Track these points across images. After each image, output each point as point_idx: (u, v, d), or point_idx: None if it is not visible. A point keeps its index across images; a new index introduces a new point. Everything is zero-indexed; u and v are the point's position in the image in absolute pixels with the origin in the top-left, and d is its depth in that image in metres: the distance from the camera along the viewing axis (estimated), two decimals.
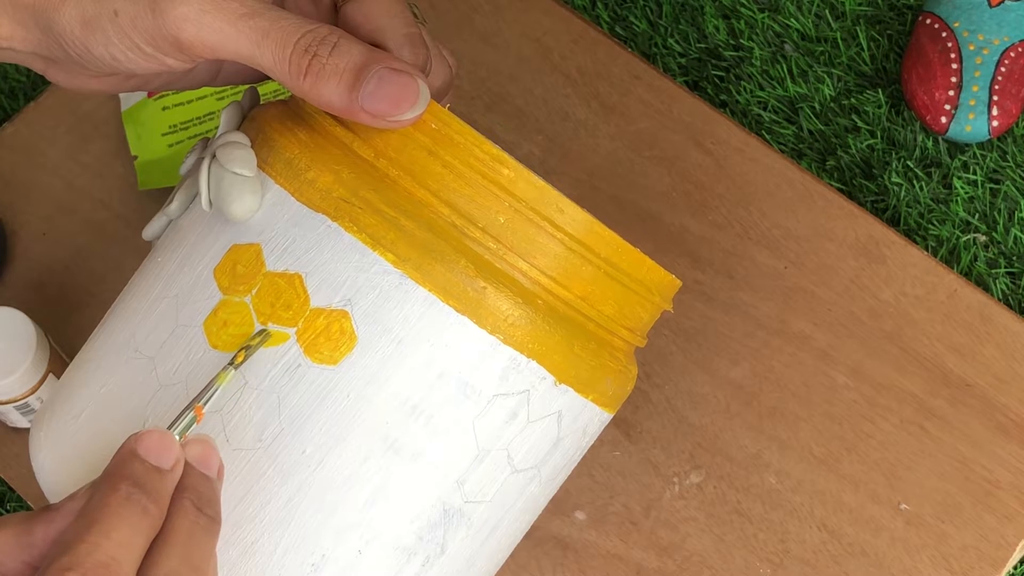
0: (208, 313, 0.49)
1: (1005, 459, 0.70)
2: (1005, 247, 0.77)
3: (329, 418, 0.48)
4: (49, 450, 0.51)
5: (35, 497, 0.73)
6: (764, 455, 0.71)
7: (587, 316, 0.51)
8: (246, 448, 0.48)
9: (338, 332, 0.48)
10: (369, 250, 0.48)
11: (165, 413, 0.48)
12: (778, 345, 0.73)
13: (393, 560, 0.50)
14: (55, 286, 0.79)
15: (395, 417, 0.49)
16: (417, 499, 0.50)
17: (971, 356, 0.72)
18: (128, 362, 0.50)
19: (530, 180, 0.49)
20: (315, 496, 0.48)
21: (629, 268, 0.52)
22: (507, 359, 0.49)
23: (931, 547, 0.69)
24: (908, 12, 0.84)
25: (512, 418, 0.50)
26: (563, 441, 0.53)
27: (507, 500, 0.52)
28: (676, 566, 0.69)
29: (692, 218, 0.77)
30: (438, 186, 0.49)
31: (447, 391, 0.49)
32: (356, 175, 0.49)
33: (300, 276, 0.48)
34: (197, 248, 0.51)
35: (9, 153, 0.83)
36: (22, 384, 0.71)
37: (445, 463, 0.49)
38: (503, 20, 0.84)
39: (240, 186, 0.49)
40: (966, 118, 0.78)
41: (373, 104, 0.47)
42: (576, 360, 0.51)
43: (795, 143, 0.81)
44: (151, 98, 0.81)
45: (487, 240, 0.49)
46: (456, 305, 0.48)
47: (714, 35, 0.84)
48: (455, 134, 0.49)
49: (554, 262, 0.50)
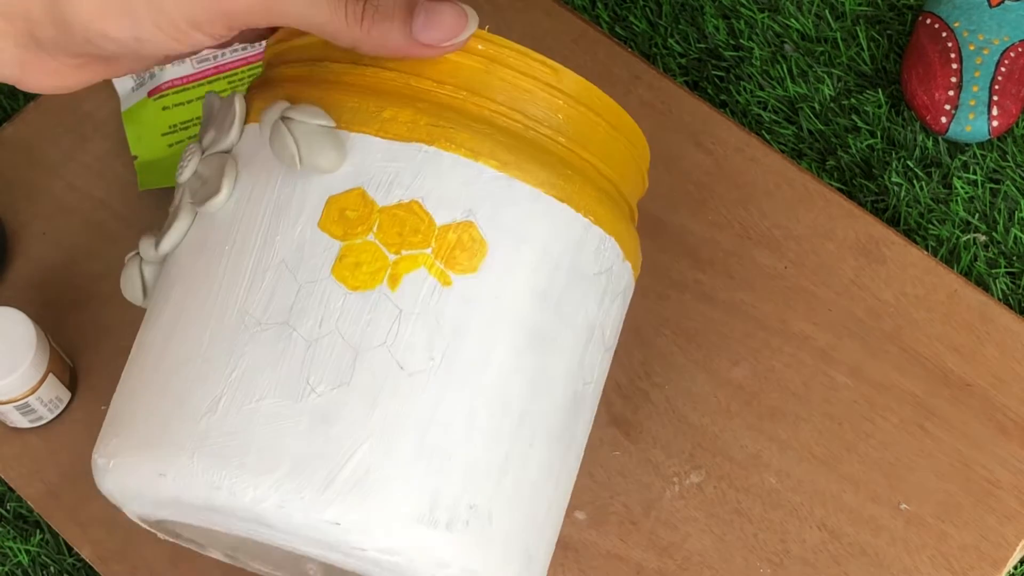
0: (332, 263, 0.51)
1: (1005, 459, 0.70)
2: (1005, 247, 0.77)
3: (484, 321, 0.52)
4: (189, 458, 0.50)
5: (35, 497, 0.73)
6: (764, 455, 0.71)
7: (623, 195, 0.58)
8: (421, 370, 0.50)
9: (470, 241, 0.52)
10: (473, 162, 0.52)
11: (326, 364, 0.50)
12: (778, 345, 0.73)
13: (552, 449, 0.54)
14: (55, 286, 0.79)
15: (533, 307, 0.53)
16: (561, 384, 0.54)
17: (971, 356, 0.72)
18: (254, 338, 0.51)
19: (573, 77, 0.54)
20: (491, 398, 0.52)
21: (638, 143, 0.58)
22: (597, 239, 0.55)
23: (931, 547, 0.69)
24: (908, 12, 0.84)
25: (603, 296, 0.56)
26: (622, 317, 0.59)
27: (601, 379, 0.58)
28: (676, 566, 0.69)
29: (692, 218, 0.77)
30: (504, 97, 0.53)
31: (563, 275, 0.53)
32: (430, 104, 0.52)
33: (418, 201, 0.51)
34: (282, 216, 0.52)
35: (9, 153, 0.83)
36: (22, 384, 0.71)
37: (571, 346, 0.54)
38: (503, 20, 0.84)
39: (328, 136, 0.51)
40: (966, 118, 0.78)
41: (428, 34, 0.50)
42: (630, 236, 0.57)
43: (795, 143, 0.81)
44: (151, 98, 0.81)
45: (557, 136, 0.54)
46: (557, 194, 0.53)
47: (714, 35, 0.84)
48: (504, 48, 0.53)
49: (603, 147, 0.56)
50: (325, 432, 0.49)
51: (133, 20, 0.48)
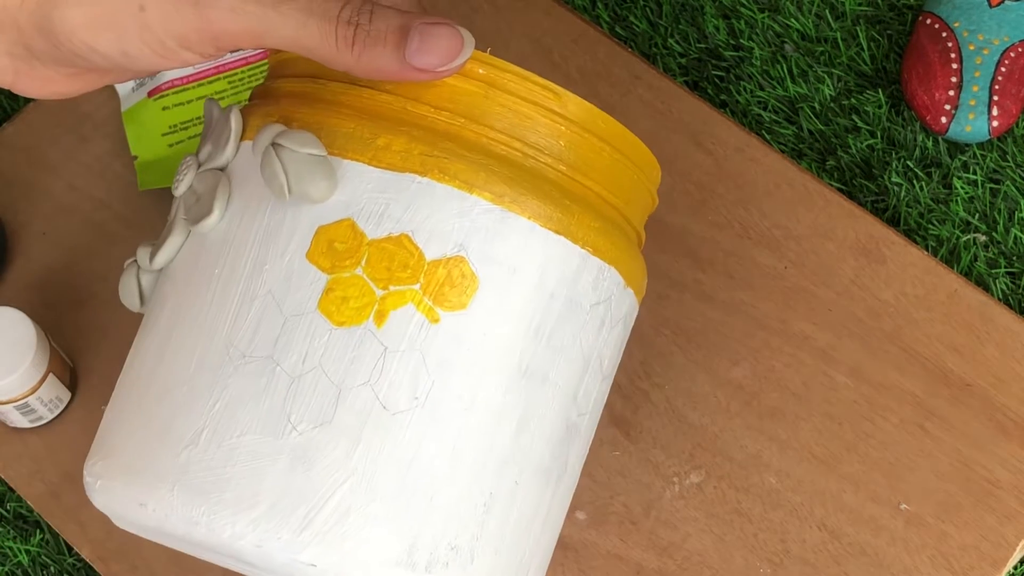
0: (319, 297, 0.50)
1: (1005, 459, 0.70)
2: (1005, 247, 0.77)
3: (471, 359, 0.50)
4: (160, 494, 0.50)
5: (35, 497, 0.73)
6: (764, 455, 0.71)
7: (628, 221, 0.57)
8: (405, 409, 0.49)
9: (460, 277, 0.50)
10: (467, 194, 0.50)
11: (308, 401, 0.49)
12: (778, 345, 0.73)
13: (539, 483, 0.53)
14: (55, 286, 0.79)
15: (523, 343, 0.51)
16: (550, 419, 0.53)
17: (971, 356, 0.72)
18: (237, 371, 0.50)
19: (577, 102, 0.53)
20: (475, 437, 0.50)
21: (646, 165, 0.57)
22: (596, 269, 0.53)
23: (931, 547, 0.69)
24: (908, 12, 0.84)
25: (602, 326, 0.54)
26: (623, 342, 0.58)
27: (598, 408, 0.56)
28: (676, 566, 0.69)
29: (692, 218, 0.77)
30: (503, 124, 0.52)
31: (558, 308, 0.52)
32: (426, 131, 0.51)
33: (407, 235, 0.50)
34: (270, 244, 0.51)
35: (9, 153, 0.83)
36: (22, 384, 0.71)
37: (564, 379, 0.53)
38: (503, 20, 0.84)
39: (319, 166, 0.50)
40: (966, 118, 0.78)
41: (422, 59, 0.48)
42: (632, 263, 0.56)
43: (795, 143, 0.81)
44: (151, 98, 0.81)
45: (558, 164, 0.53)
46: (553, 227, 0.52)
47: (714, 35, 0.84)
48: (504, 73, 0.52)
49: (606, 173, 0.54)
50: (305, 472, 0.48)
51: (120, 35, 0.47)
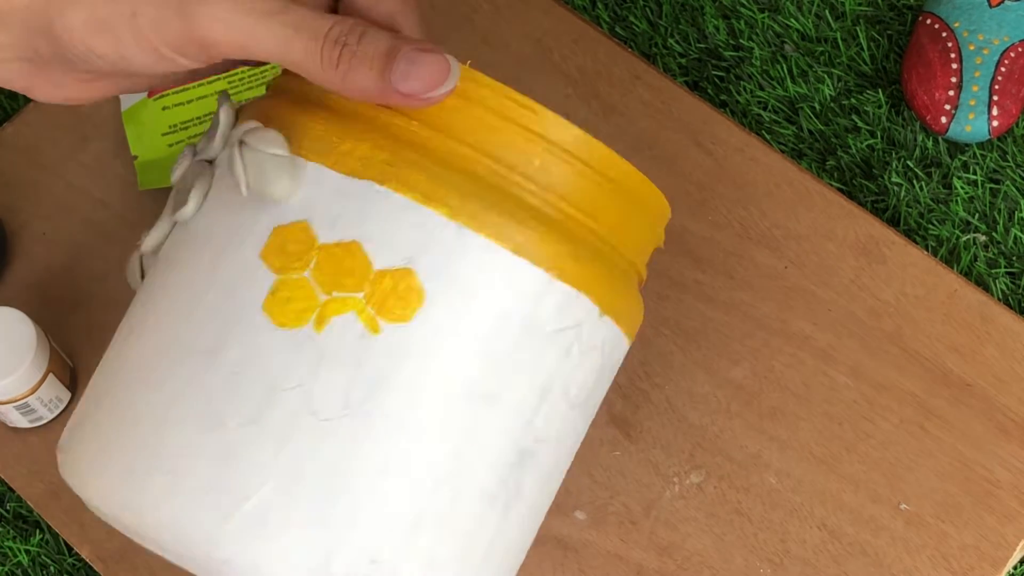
0: (265, 296, 0.49)
1: (1005, 459, 0.70)
2: (1005, 247, 0.77)
3: (410, 374, 0.49)
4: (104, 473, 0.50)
5: (35, 497, 0.73)
6: (764, 455, 0.71)
7: (616, 249, 0.54)
8: (334, 417, 0.49)
9: (406, 290, 0.49)
10: (423, 207, 0.49)
11: (241, 399, 0.49)
12: (778, 345, 0.73)
13: (480, 506, 0.51)
14: (55, 286, 0.79)
15: (470, 364, 0.50)
16: (497, 443, 0.51)
17: (971, 356, 0.72)
18: (182, 363, 0.50)
19: (558, 121, 0.51)
20: (406, 454, 0.49)
21: (646, 197, 0.55)
22: (561, 294, 0.51)
23: (931, 547, 0.69)
24: (908, 12, 0.84)
25: (567, 353, 0.52)
26: (603, 373, 0.55)
27: (564, 437, 0.54)
28: (676, 566, 0.69)
29: (692, 218, 0.77)
30: (475, 139, 0.50)
31: (513, 332, 0.50)
32: (393, 140, 0.50)
33: (358, 243, 0.49)
34: (231, 240, 0.51)
35: (9, 153, 0.83)
36: (22, 384, 0.71)
37: (516, 404, 0.51)
38: (503, 20, 0.84)
39: (279, 166, 0.50)
40: (966, 118, 0.78)
41: (407, 85, 0.48)
42: (614, 291, 0.54)
43: (795, 143, 0.81)
44: (151, 98, 0.81)
45: (528, 184, 0.51)
46: (512, 247, 0.50)
47: (714, 35, 0.84)
48: (483, 87, 0.51)
49: (587, 198, 0.52)
50: (231, 468, 0.48)
51: (116, 39, 0.48)
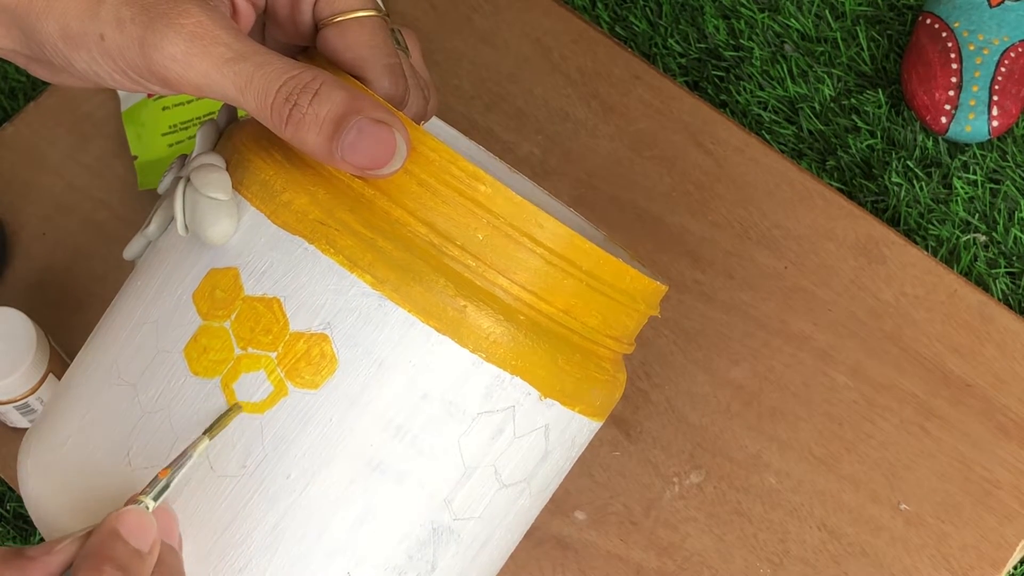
0: (188, 339, 0.49)
1: (1005, 459, 0.70)
2: (1005, 247, 0.77)
3: (313, 442, 0.48)
4: (37, 479, 0.51)
5: None
6: (764, 455, 0.71)
7: (571, 329, 0.51)
8: (230, 475, 0.48)
9: (318, 356, 0.48)
10: (347, 272, 0.47)
11: (148, 441, 0.48)
12: (778, 345, 0.73)
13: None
14: (55, 286, 0.79)
15: (379, 439, 0.48)
16: (405, 519, 0.49)
17: (971, 356, 0.72)
18: (111, 388, 0.50)
19: (508, 196, 0.48)
20: (302, 521, 0.48)
21: (612, 279, 0.51)
22: (490, 377, 0.49)
23: (931, 547, 0.69)
24: (908, 12, 0.84)
25: (498, 434, 0.50)
26: (551, 454, 0.52)
27: (497, 514, 0.52)
28: (676, 566, 0.69)
29: (692, 218, 0.77)
30: (415, 205, 0.48)
31: (431, 411, 0.48)
32: (332, 196, 0.48)
33: (279, 300, 0.48)
34: (175, 272, 0.50)
35: (9, 153, 0.83)
36: (22, 384, 0.71)
37: (431, 482, 0.49)
38: (503, 20, 0.84)
39: (216, 210, 0.49)
40: (966, 118, 0.78)
41: (352, 157, 0.46)
42: (561, 374, 0.50)
43: (795, 143, 0.81)
44: (151, 98, 0.81)
45: (466, 258, 0.48)
46: (436, 325, 0.48)
47: (714, 35, 0.84)
48: (430, 151, 0.48)
49: (535, 277, 0.49)
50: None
51: (89, 55, 0.48)
